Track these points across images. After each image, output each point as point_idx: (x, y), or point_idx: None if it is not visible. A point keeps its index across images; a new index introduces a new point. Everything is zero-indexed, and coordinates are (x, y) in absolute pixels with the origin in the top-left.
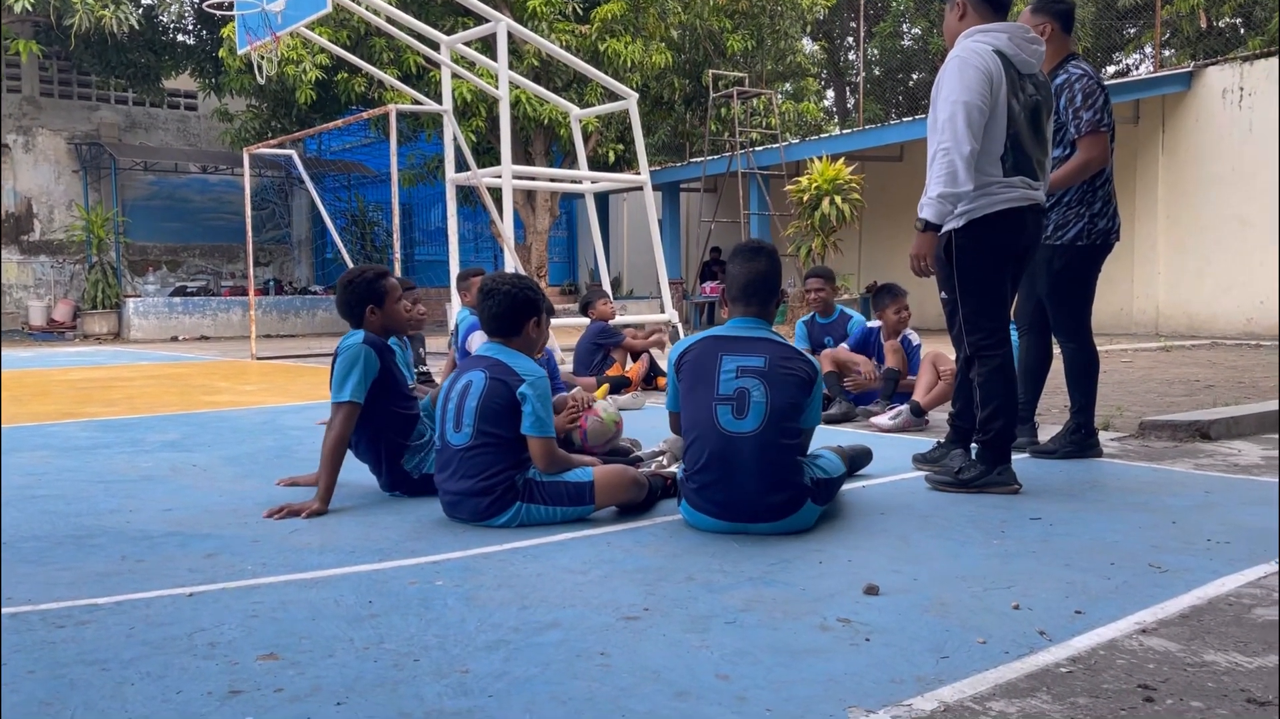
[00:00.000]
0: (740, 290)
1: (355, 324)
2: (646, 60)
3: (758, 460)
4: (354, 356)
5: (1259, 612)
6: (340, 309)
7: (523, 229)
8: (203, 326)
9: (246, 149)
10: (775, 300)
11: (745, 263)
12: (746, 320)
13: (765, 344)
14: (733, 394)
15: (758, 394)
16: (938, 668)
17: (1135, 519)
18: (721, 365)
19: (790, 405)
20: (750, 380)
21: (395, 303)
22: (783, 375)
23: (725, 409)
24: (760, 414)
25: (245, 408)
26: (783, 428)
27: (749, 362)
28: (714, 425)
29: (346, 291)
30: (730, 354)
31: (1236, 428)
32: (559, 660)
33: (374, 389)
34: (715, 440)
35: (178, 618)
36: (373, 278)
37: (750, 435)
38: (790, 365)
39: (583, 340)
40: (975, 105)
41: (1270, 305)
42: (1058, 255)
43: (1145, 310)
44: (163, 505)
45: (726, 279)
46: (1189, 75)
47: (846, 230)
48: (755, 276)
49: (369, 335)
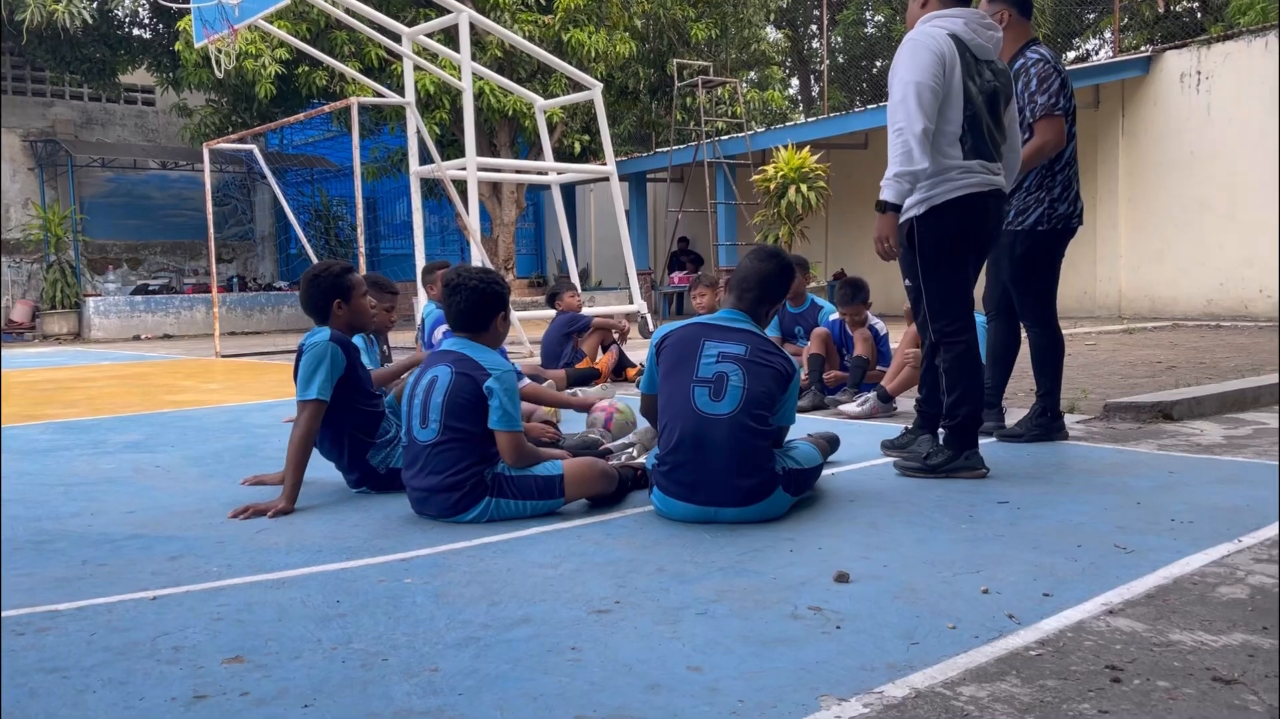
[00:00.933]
0: (738, 284)
1: (320, 320)
2: (610, 50)
3: (730, 442)
4: (320, 354)
5: (1223, 590)
6: (305, 305)
7: (489, 221)
8: (165, 325)
9: (206, 144)
10: (769, 306)
11: (754, 261)
12: (734, 313)
13: (747, 335)
14: (711, 377)
15: (736, 379)
16: (908, 654)
17: (1101, 501)
18: (703, 350)
19: (766, 394)
20: (730, 366)
21: (361, 298)
22: (762, 365)
23: (703, 391)
24: (736, 398)
25: (209, 407)
26: (757, 414)
27: (730, 348)
28: (690, 406)
29: (313, 287)
30: (713, 340)
31: (1198, 408)
32: (529, 656)
33: (339, 386)
34: (690, 421)
35: (140, 622)
36: (339, 272)
37: (724, 418)
38: (769, 358)
39: (550, 332)
40: (927, 85)
41: (1230, 287)
42: (1020, 241)
43: (1108, 293)
44: (125, 508)
45: (735, 269)
46: (1147, 60)
47: (813, 218)
48: (756, 276)
49: (334, 332)
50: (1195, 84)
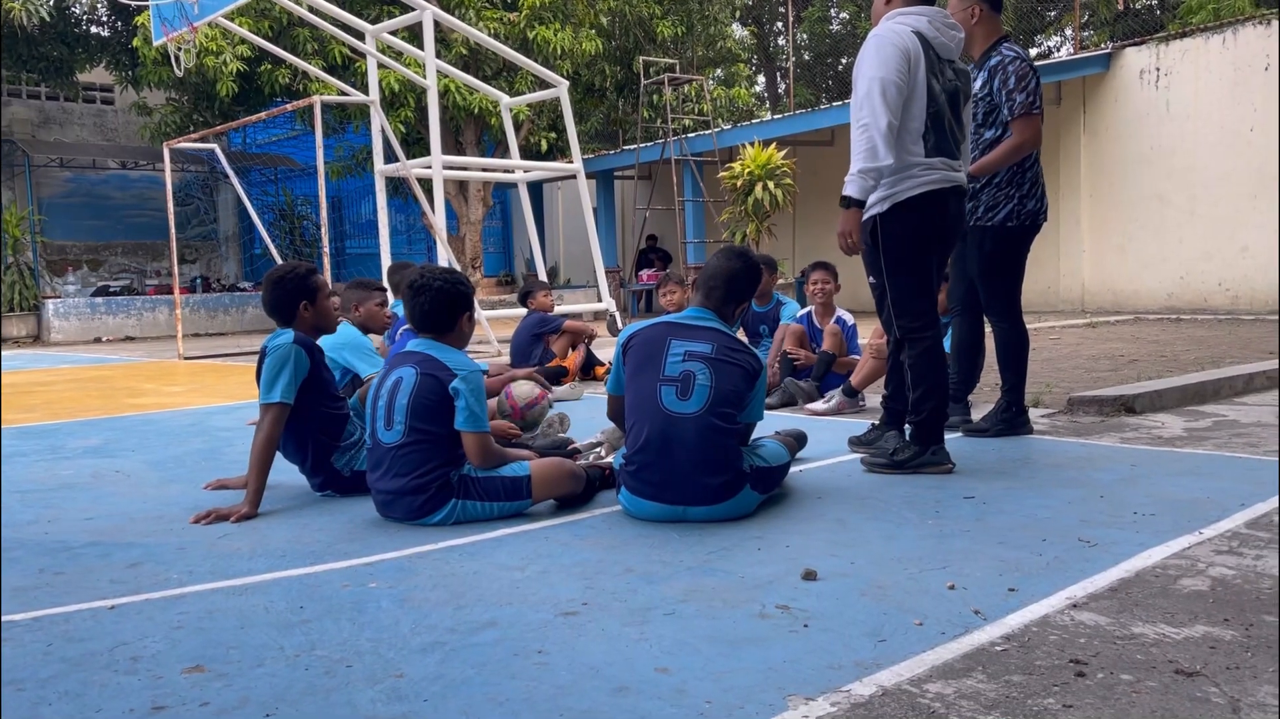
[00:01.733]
0: (705, 282)
1: (285, 322)
2: (577, 48)
3: (697, 441)
4: (284, 357)
5: (1184, 582)
6: (269, 307)
7: (456, 220)
8: (127, 327)
9: (167, 144)
10: (736, 305)
11: (721, 260)
12: (701, 311)
13: (714, 334)
14: (678, 376)
15: (702, 378)
16: (875, 652)
17: (1065, 494)
18: (670, 349)
19: (733, 392)
20: (696, 364)
21: (326, 300)
22: (728, 364)
23: (669, 389)
24: (703, 397)
25: (172, 410)
26: (724, 413)
27: (696, 347)
28: (657, 405)
29: (279, 288)
30: (679, 339)
31: (1160, 401)
32: (496, 660)
33: (303, 389)
34: (657, 419)
35: (98, 632)
36: (305, 274)
37: (691, 416)
38: (736, 357)
39: (520, 332)
40: (891, 81)
41: (1189, 281)
42: (988, 237)
43: (1071, 288)
44: (84, 514)
45: (703, 269)
46: (1108, 57)
47: (780, 215)
48: (723, 275)
49: (298, 335)
50: (1155, 80)
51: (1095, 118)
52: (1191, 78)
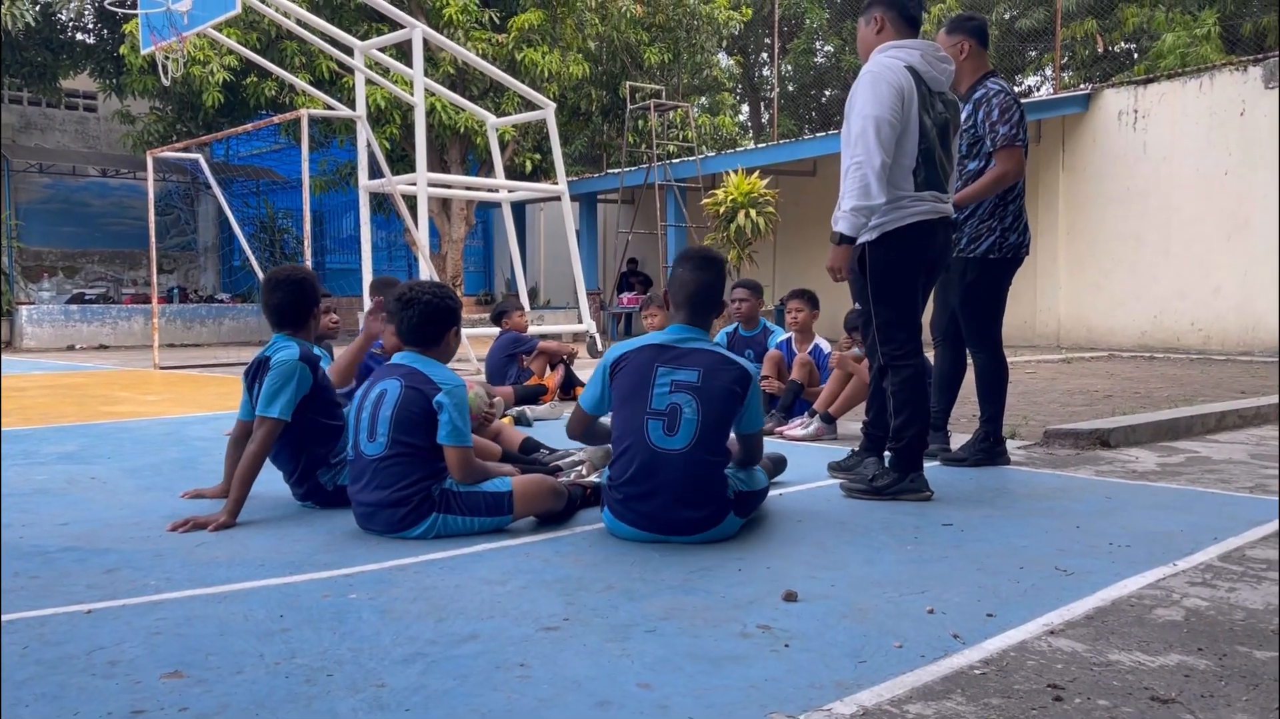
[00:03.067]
0: (686, 299)
1: (295, 327)
2: (564, 71)
3: (684, 478)
4: (288, 373)
5: (1159, 612)
6: (278, 310)
7: (438, 238)
8: (102, 335)
9: (150, 152)
10: (716, 313)
11: (696, 271)
12: (685, 329)
13: (701, 355)
14: (665, 409)
15: (689, 411)
16: (856, 672)
17: (1042, 524)
18: (656, 379)
19: (722, 421)
20: (683, 396)
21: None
22: (716, 390)
23: (656, 424)
24: (690, 432)
25: (147, 418)
26: (712, 446)
27: (683, 376)
28: (644, 439)
29: (297, 291)
30: (666, 365)
31: (1134, 436)
32: (477, 672)
33: (303, 403)
34: (644, 454)
35: (75, 636)
36: (316, 279)
37: (679, 453)
38: (724, 375)
39: (494, 352)
40: (886, 119)
41: (1163, 319)
42: (970, 268)
43: (1047, 323)
44: (59, 520)
45: (672, 281)
46: (1087, 97)
47: (762, 243)
48: (703, 287)
49: (303, 350)
50: (1132, 122)
51: (1074, 157)
52: (1168, 120)
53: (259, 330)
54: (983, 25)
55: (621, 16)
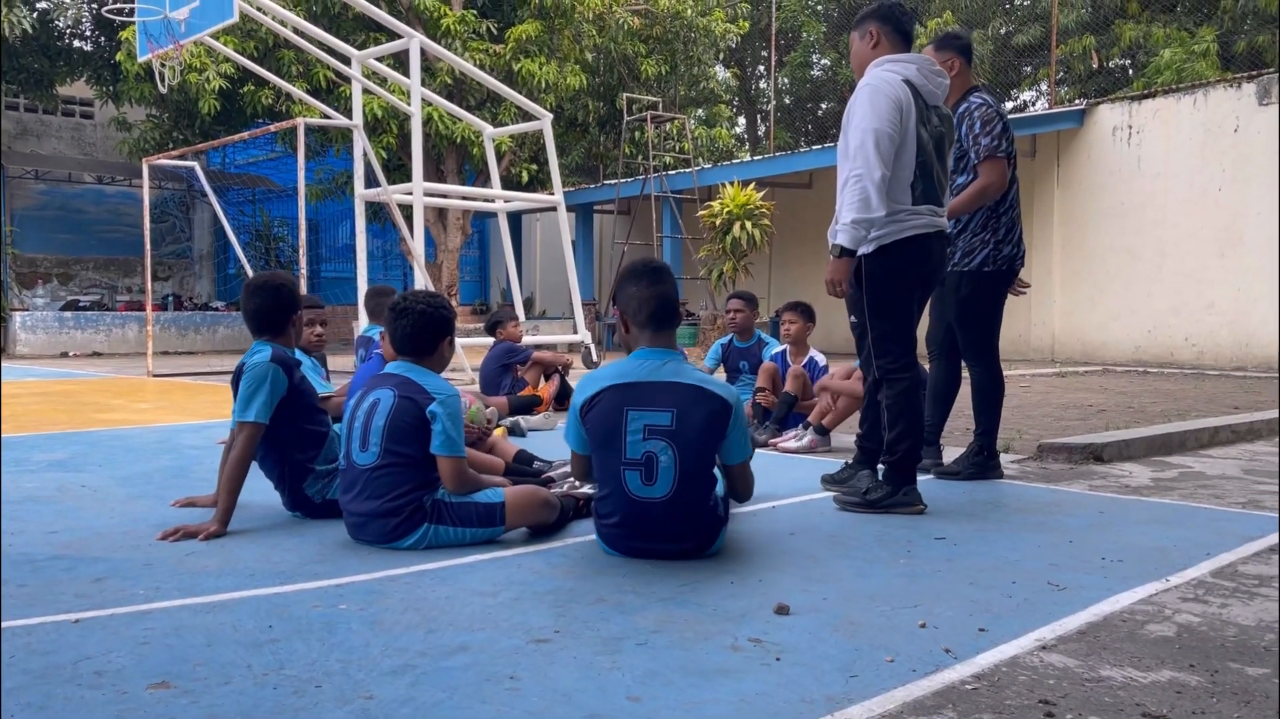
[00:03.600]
0: (649, 317)
1: (275, 332)
2: (561, 82)
3: (669, 521)
4: (260, 375)
5: (1151, 628)
6: (256, 316)
7: (434, 247)
8: (95, 342)
9: (146, 160)
10: (678, 323)
11: (652, 286)
12: (656, 354)
13: (673, 391)
14: (640, 458)
15: (665, 458)
16: (847, 687)
17: (1034, 539)
18: (628, 424)
19: (702, 462)
20: (657, 443)
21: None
22: (693, 429)
23: (634, 475)
24: (669, 480)
25: (140, 426)
26: (695, 485)
27: (656, 419)
28: (623, 490)
29: (274, 297)
30: (636, 408)
31: (1127, 450)
32: (467, 684)
33: (281, 406)
34: (626, 504)
35: (62, 645)
36: (295, 285)
37: (660, 501)
38: (700, 412)
39: (488, 361)
40: (885, 132)
41: (1157, 334)
42: (965, 281)
43: (1042, 337)
44: (48, 528)
45: (627, 301)
46: (1081, 113)
47: (757, 255)
48: (664, 302)
49: (276, 352)
50: (1127, 137)
51: (1068, 172)
52: (1163, 136)
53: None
54: (969, 44)
55: (619, 28)
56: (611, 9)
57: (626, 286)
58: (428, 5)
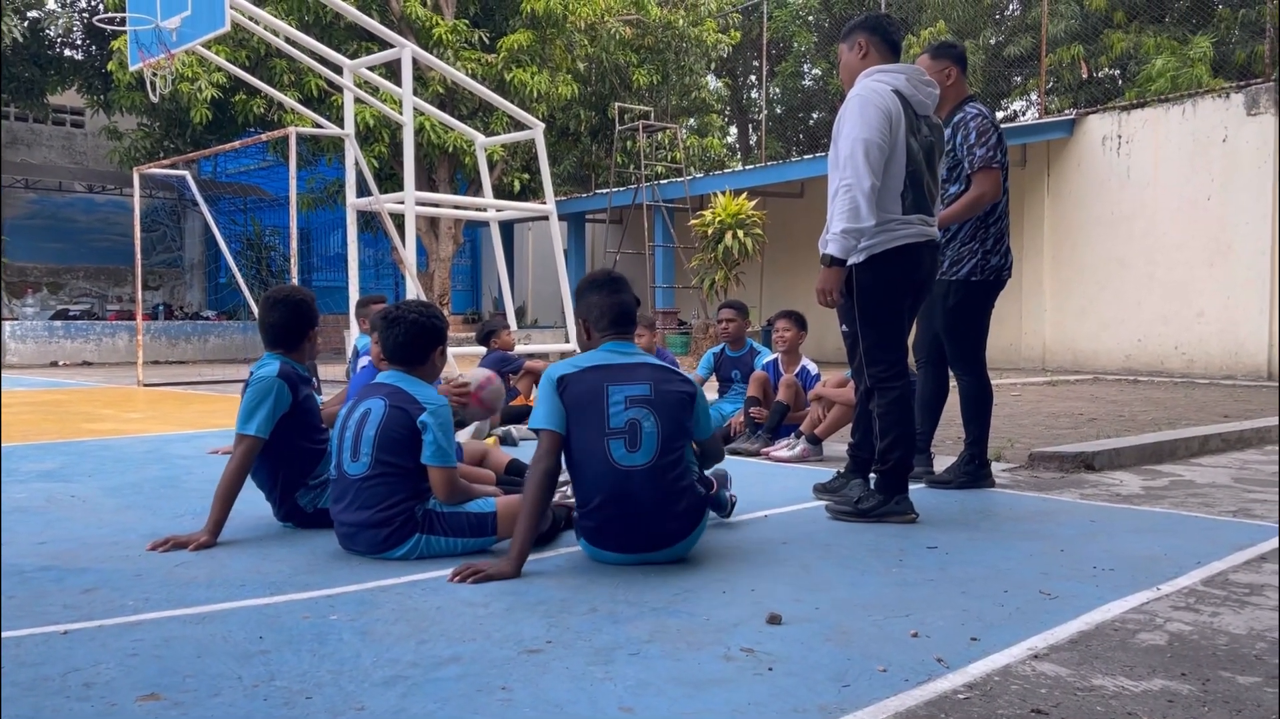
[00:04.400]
0: (610, 322)
1: (288, 347)
2: (553, 91)
3: (653, 492)
4: (265, 390)
5: (1143, 637)
6: (273, 330)
7: (426, 256)
8: (85, 352)
9: (137, 169)
10: (635, 328)
11: (612, 295)
12: (621, 344)
13: (646, 369)
14: (624, 427)
15: (649, 425)
16: (840, 696)
17: (1026, 547)
18: (609, 397)
19: (678, 429)
20: (640, 410)
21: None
22: (668, 400)
23: (618, 443)
24: (652, 445)
25: (130, 436)
26: (674, 454)
27: (635, 390)
28: (607, 461)
29: (294, 312)
30: (616, 384)
31: (1118, 459)
32: (458, 696)
33: (283, 422)
34: (610, 477)
35: (50, 657)
36: (312, 298)
37: (644, 468)
38: (672, 387)
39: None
40: (875, 142)
41: (1147, 343)
42: (953, 290)
43: (1033, 346)
44: (37, 538)
45: (589, 309)
46: (1071, 122)
47: (749, 264)
48: (625, 309)
49: (284, 367)
50: (1116, 147)
51: (1058, 181)
52: (1152, 146)
53: (244, 348)
54: (964, 53)
55: (611, 38)
56: (603, 19)
57: (588, 295)
58: (420, 15)
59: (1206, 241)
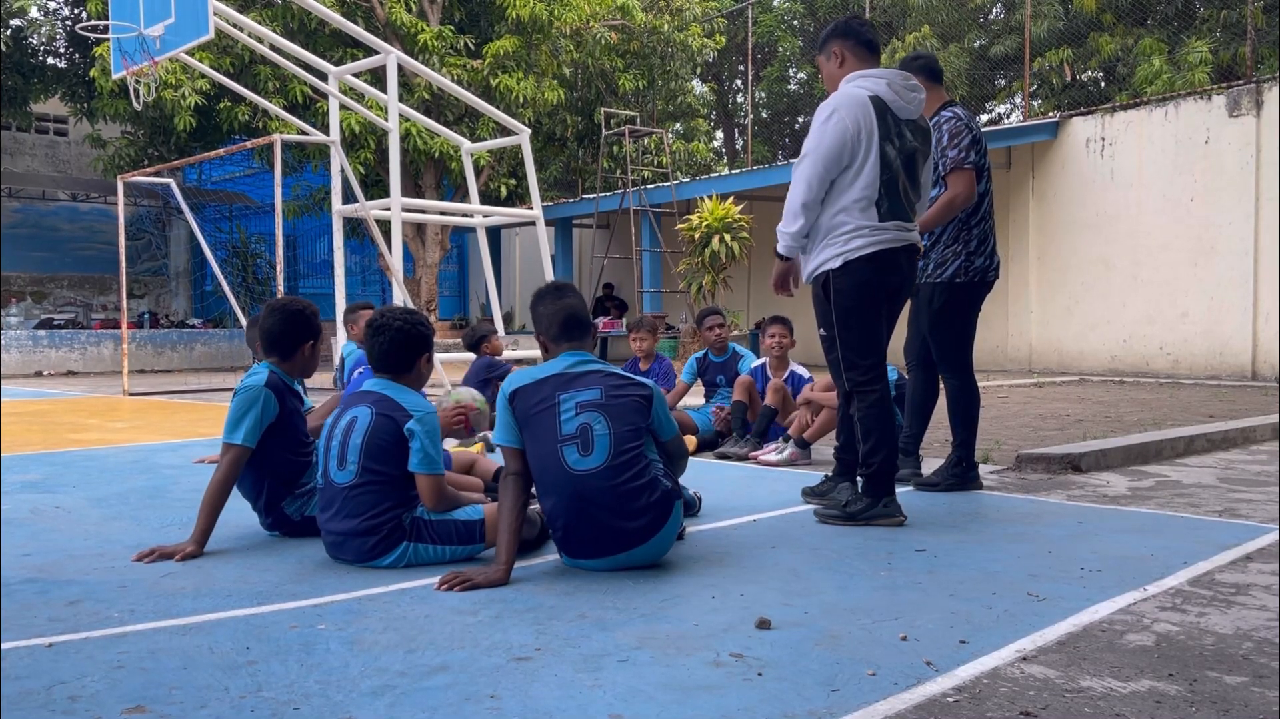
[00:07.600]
0: (561, 329)
1: (281, 356)
2: (539, 96)
3: (610, 492)
4: (252, 398)
5: (1130, 638)
6: (268, 336)
7: (412, 262)
8: (70, 361)
9: (121, 177)
10: (591, 333)
11: (556, 302)
12: (575, 354)
13: (598, 376)
14: (576, 432)
15: (600, 427)
16: (829, 701)
17: (1014, 549)
18: (561, 405)
19: (632, 431)
20: (591, 414)
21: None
22: (620, 403)
23: (571, 448)
24: (605, 448)
25: (115, 446)
26: (629, 454)
27: (586, 395)
28: (562, 467)
29: (289, 321)
30: (567, 391)
31: (1105, 460)
32: (447, 704)
33: (269, 432)
34: (565, 483)
35: (35, 670)
36: (316, 312)
37: (597, 470)
38: (625, 392)
39: (469, 376)
40: (824, 160)
41: (1132, 344)
42: (938, 293)
43: (1019, 348)
44: (21, 550)
45: (539, 321)
46: (1055, 125)
47: (736, 268)
48: (571, 313)
49: (273, 377)
50: (1100, 149)
51: (1043, 183)
52: (1135, 148)
53: (230, 356)
54: (931, 61)
55: (596, 43)
56: (589, 24)
57: (535, 309)
58: (405, 21)
59: (1190, 242)
